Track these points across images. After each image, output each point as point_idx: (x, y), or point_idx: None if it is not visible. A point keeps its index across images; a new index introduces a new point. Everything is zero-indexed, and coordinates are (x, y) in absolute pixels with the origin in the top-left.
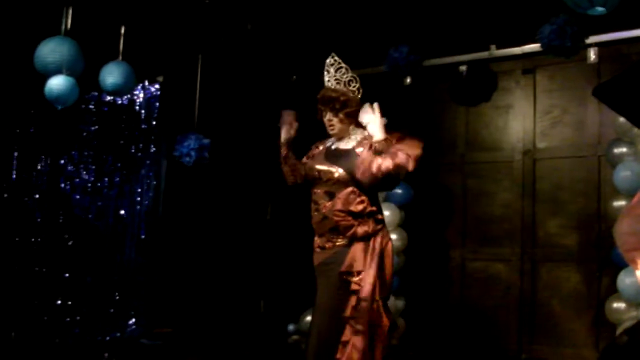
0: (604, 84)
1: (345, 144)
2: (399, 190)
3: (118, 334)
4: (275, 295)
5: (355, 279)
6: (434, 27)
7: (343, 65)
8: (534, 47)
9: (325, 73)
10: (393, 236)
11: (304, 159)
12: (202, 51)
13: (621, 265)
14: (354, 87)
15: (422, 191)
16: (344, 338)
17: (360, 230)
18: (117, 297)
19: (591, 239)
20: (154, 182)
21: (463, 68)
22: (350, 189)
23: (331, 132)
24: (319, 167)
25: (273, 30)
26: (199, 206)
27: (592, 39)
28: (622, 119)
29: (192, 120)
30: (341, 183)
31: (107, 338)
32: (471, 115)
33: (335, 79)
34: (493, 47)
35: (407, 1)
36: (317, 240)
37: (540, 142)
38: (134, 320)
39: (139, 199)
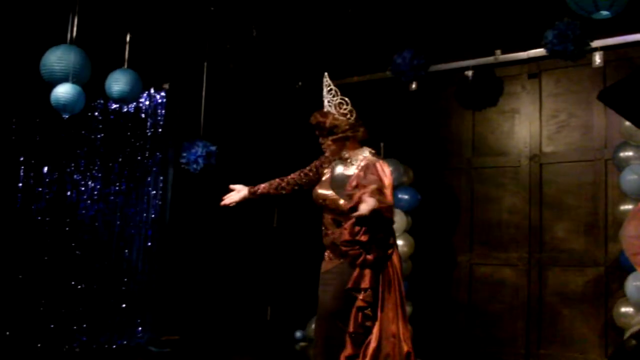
0: (609, 88)
1: (347, 168)
2: (405, 196)
3: (126, 342)
4: (282, 303)
5: (362, 296)
6: (440, 32)
7: (332, 87)
8: (539, 51)
9: (323, 91)
10: (400, 242)
11: (314, 166)
12: (207, 58)
13: (629, 269)
14: (345, 109)
15: (428, 196)
16: (347, 353)
17: (370, 257)
18: (125, 305)
19: (598, 243)
20: (161, 190)
21: (469, 73)
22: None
23: (326, 154)
24: (323, 192)
25: (278, 37)
26: (206, 213)
27: (598, 43)
28: (628, 123)
29: (198, 127)
30: (346, 213)
31: (115, 346)
32: (477, 120)
33: (328, 101)
34: (498, 51)
35: (413, 7)
36: (328, 251)
37: (546, 147)
38: (141, 327)
39: (145, 206)
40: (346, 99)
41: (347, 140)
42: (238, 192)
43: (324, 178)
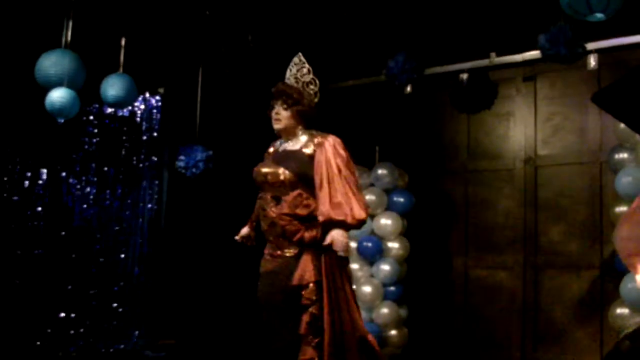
0: (603, 91)
1: (293, 145)
2: (400, 199)
3: (122, 346)
4: None
5: (306, 292)
6: (435, 35)
7: (306, 66)
8: (534, 54)
9: (288, 71)
10: (395, 245)
11: None
12: (202, 62)
13: (624, 271)
14: (312, 89)
15: (424, 199)
16: (306, 356)
17: (308, 235)
18: (121, 309)
19: (593, 245)
20: (156, 194)
21: (464, 76)
22: (297, 192)
23: (276, 126)
24: (265, 169)
25: (273, 42)
26: (201, 217)
27: (592, 46)
28: (623, 125)
29: (193, 132)
30: (287, 186)
31: (111, 350)
32: (472, 123)
33: (295, 78)
34: (493, 54)
35: (407, 10)
36: (268, 247)
37: (541, 150)
38: (137, 332)
39: (141, 210)
40: (317, 80)
41: (305, 117)
42: (247, 234)
43: (264, 157)
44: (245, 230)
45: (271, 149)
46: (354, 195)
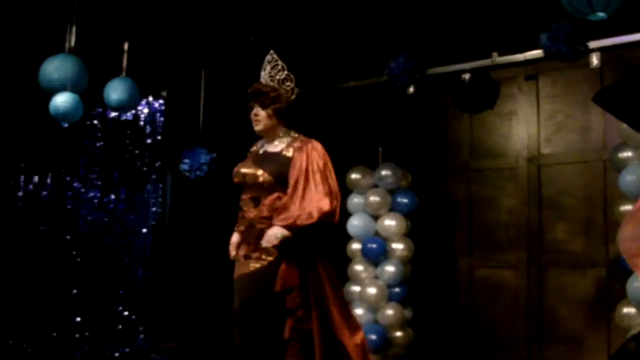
0: (604, 90)
1: (274, 147)
2: (404, 200)
3: (127, 349)
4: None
5: (290, 296)
6: (437, 35)
7: (280, 63)
8: (536, 53)
9: (262, 70)
10: (400, 245)
11: None
12: (205, 65)
13: (629, 270)
14: (288, 86)
15: (427, 199)
16: None
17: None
18: (126, 313)
19: (598, 244)
20: (160, 197)
21: (466, 76)
22: (276, 194)
23: (256, 128)
24: (244, 170)
25: (275, 44)
26: (205, 220)
27: (594, 44)
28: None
29: (196, 134)
30: (266, 188)
31: (116, 353)
32: (475, 122)
33: (270, 76)
34: (495, 54)
35: (409, 11)
36: (243, 248)
37: (544, 148)
38: (142, 335)
39: (144, 213)
40: (292, 76)
41: (284, 115)
42: (238, 241)
43: (247, 157)
44: (235, 238)
45: (253, 148)
46: (313, 199)
